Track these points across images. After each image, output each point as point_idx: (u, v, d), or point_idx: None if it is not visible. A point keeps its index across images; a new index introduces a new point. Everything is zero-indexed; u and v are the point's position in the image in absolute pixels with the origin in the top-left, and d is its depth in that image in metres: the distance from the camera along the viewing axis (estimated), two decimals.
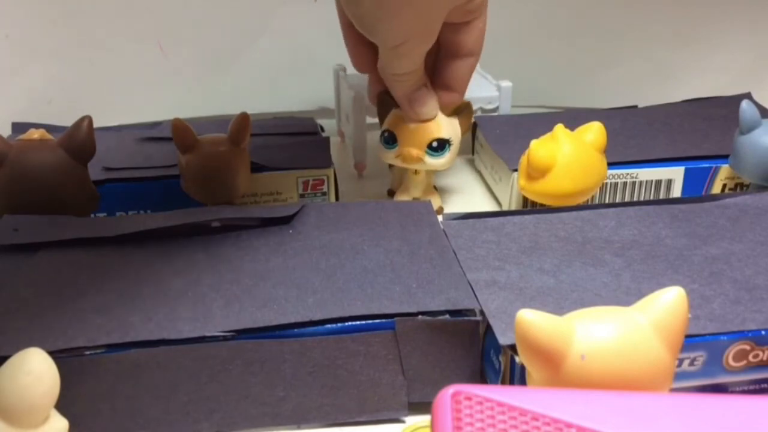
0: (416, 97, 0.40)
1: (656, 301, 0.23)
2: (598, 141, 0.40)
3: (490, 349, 0.29)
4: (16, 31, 0.54)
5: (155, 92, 0.56)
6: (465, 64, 0.41)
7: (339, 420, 0.29)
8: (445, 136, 0.41)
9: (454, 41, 0.40)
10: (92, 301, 0.30)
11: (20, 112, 0.54)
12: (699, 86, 0.58)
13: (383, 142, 0.42)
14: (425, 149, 0.41)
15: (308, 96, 0.60)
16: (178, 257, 0.33)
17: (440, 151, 0.41)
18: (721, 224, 0.36)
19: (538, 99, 0.61)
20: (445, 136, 0.41)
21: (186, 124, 0.39)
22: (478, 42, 0.40)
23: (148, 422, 0.28)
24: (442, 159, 0.41)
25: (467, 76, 0.42)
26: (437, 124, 0.41)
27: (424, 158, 0.41)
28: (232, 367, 0.28)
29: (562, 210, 0.38)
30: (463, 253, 0.34)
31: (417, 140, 0.41)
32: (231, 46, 0.58)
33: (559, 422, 0.19)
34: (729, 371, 0.29)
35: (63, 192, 0.38)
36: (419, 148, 0.41)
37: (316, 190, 0.44)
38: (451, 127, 0.41)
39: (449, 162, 0.42)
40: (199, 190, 0.40)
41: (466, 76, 0.41)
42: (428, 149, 0.41)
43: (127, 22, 0.56)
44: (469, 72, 0.41)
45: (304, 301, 0.30)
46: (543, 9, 0.59)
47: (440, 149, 0.41)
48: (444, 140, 0.41)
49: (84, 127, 0.38)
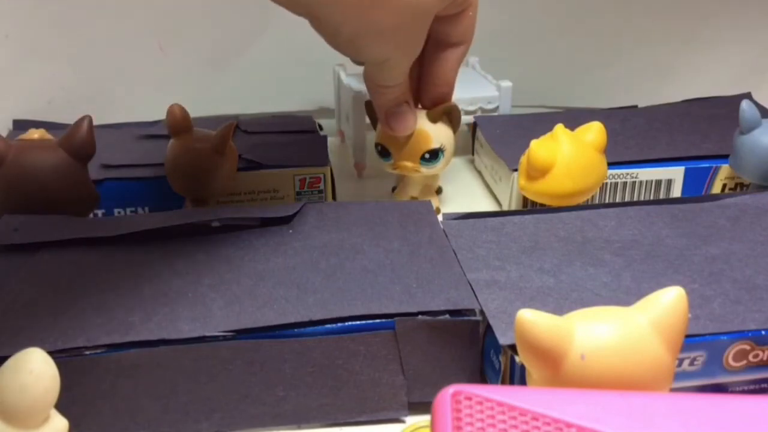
0: (395, 112, 0.40)
1: (656, 301, 0.23)
2: (598, 141, 0.40)
3: (490, 349, 0.29)
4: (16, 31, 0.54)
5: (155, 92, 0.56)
6: (454, 53, 0.40)
7: (339, 420, 0.29)
8: (436, 146, 0.41)
9: (443, 31, 0.39)
10: (92, 301, 0.30)
11: (20, 111, 0.54)
12: (699, 86, 0.58)
13: (378, 154, 0.42)
14: (419, 161, 0.41)
15: (308, 96, 0.60)
16: (178, 257, 0.33)
17: (434, 160, 0.41)
18: (721, 224, 0.36)
19: (538, 99, 0.61)
20: (436, 146, 0.41)
21: (186, 114, 0.39)
22: (468, 31, 0.39)
23: (148, 422, 0.28)
24: (438, 165, 0.42)
25: (456, 67, 0.40)
26: (427, 136, 0.41)
27: (419, 169, 0.41)
28: (232, 367, 0.28)
29: (562, 210, 0.38)
30: (463, 253, 0.34)
31: (410, 154, 0.41)
32: (231, 46, 0.58)
33: (559, 422, 0.19)
34: (729, 371, 0.29)
35: (63, 192, 0.37)
36: (413, 161, 0.41)
37: (312, 188, 0.44)
38: (441, 135, 0.41)
39: (446, 165, 0.42)
40: (174, 181, 0.40)
41: (455, 66, 0.40)
42: (422, 160, 0.41)
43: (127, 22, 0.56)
44: (458, 62, 0.40)
45: (304, 301, 0.30)
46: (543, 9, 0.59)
47: (434, 158, 0.41)
48: (436, 150, 0.41)
49: (84, 127, 0.38)
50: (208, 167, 0.40)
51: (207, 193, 0.41)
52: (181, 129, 0.40)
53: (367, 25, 0.34)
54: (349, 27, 0.34)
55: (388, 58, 0.37)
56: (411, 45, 0.37)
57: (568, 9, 0.60)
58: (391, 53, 0.36)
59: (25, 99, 0.55)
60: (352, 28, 0.34)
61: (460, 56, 0.40)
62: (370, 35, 0.35)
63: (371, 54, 0.37)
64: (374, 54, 0.37)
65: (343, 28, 0.34)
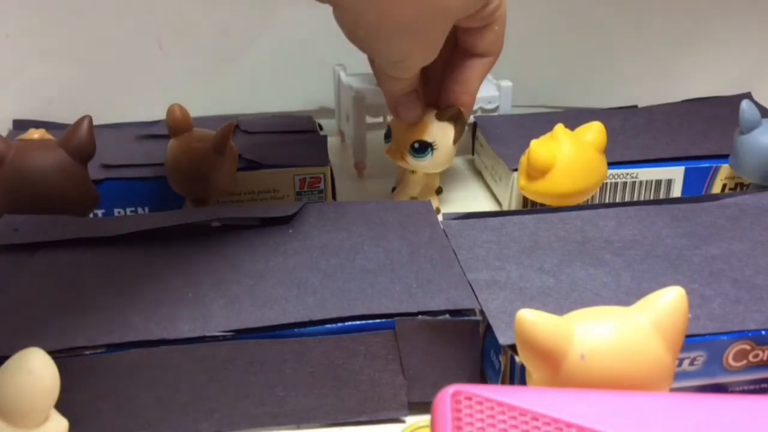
0: (403, 100, 0.40)
1: (656, 300, 0.23)
2: (598, 141, 0.40)
3: (490, 349, 0.29)
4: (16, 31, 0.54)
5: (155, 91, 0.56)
6: (478, 63, 0.40)
7: (339, 420, 0.29)
8: (428, 140, 0.41)
9: (468, 42, 0.39)
10: (92, 301, 0.30)
11: (20, 111, 0.54)
12: (699, 86, 0.58)
13: (384, 136, 0.43)
14: (408, 149, 0.41)
15: (308, 95, 0.60)
16: (178, 257, 0.33)
17: (422, 153, 0.41)
18: (721, 224, 0.36)
19: (538, 99, 0.61)
20: (428, 140, 0.41)
21: (186, 114, 0.39)
22: (494, 44, 0.40)
23: (148, 422, 0.28)
24: (425, 161, 0.41)
25: (479, 76, 0.41)
26: (424, 127, 0.41)
27: (406, 157, 0.41)
28: (232, 367, 0.28)
29: (562, 210, 0.38)
30: (463, 253, 0.34)
31: (402, 139, 0.41)
32: (231, 46, 0.58)
33: (559, 422, 0.19)
34: (729, 371, 0.29)
35: (63, 192, 0.37)
36: (403, 148, 0.41)
37: (312, 188, 0.44)
38: (439, 132, 0.41)
39: (435, 166, 0.42)
40: (174, 181, 0.40)
41: (478, 75, 0.40)
42: (411, 149, 0.41)
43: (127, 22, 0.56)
44: (481, 71, 0.40)
45: (304, 301, 0.30)
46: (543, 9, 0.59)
47: (422, 151, 0.41)
48: (426, 143, 0.41)
49: (84, 127, 0.38)
50: (208, 167, 0.40)
51: (207, 193, 0.41)
52: (181, 129, 0.40)
53: (388, 19, 0.34)
54: (370, 19, 0.34)
55: (404, 59, 0.37)
56: (428, 45, 0.37)
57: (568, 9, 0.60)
58: (407, 53, 0.37)
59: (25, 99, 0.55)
60: (373, 21, 0.34)
61: (484, 66, 0.40)
62: (390, 31, 0.35)
63: (388, 51, 0.37)
64: (391, 52, 0.37)
65: (364, 19, 0.34)
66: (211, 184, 0.40)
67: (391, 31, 0.35)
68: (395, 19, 0.34)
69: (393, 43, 0.36)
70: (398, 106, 0.40)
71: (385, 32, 0.35)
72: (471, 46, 0.39)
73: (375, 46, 0.37)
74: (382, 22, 0.34)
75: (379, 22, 0.34)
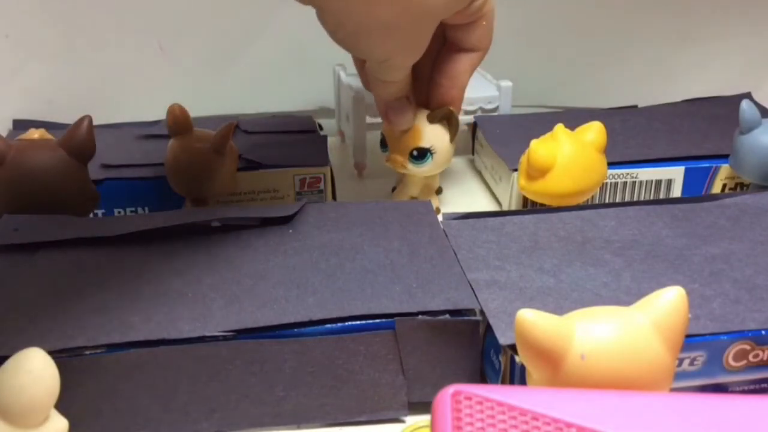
0: (394, 105, 0.40)
1: (656, 300, 0.23)
2: (598, 141, 0.40)
3: (490, 349, 0.29)
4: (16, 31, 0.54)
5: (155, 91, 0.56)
6: (467, 57, 0.40)
7: (339, 420, 0.29)
8: (425, 146, 0.41)
9: (456, 37, 0.39)
10: (92, 301, 0.30)
11: (20, 111, 0.54)
12: (699, 86, 0.58)
13: (380, 144, 0.43)
14: (407, 157, 0.41)
15: (308, 95, 0.60)
16: (178, 257, 0.33)
17: (422, 159, 0.41)
18: (721, 224, 0.36)
19: (538, 99, 0.61)
20: (425, 146, 0.41)
21: (186, 114, 0.39)
22: (482, 39, 0.39)
23: (148, 422, 0.28)
24: (425, 166, 0.42)
25: (468, 70, 0.40)
26: (418, 134, 0.41)
27: (407, 165, 0.41)
28: (232, 367, 0.28)
29: (562, 210, 0.38)
30: (463, 253, 0.34)
31: (400, 148, 0.41)
32: (231, 46, 0.58)
33: (559, 422, 0.19)
34: (729, 371, 0.29)
35: (63, 192, 0.38)
36: (402, 156, 0.41)
37: (312, 188, 0.44)
38: (434, 136, 0.41)
39: (436, 168, 0.42)
40: (174, 181, 0.40)
41: (467, 69, 0.40)
42: (410, 157, 0.41)
43: (127, 22, 0.56)
44: (470, 66, 0.40)
45: (304, 301, 0.30)
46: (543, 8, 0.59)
47: (421, 158, 0.41)
48: (424, 149, 0.41)
49: (84, 127, 0.38)
50: (208, 167, 0.40)
51: (207, 193, 0.41)
52: (181, 129, 0.40)
53: (370, 19, 0.34)
54: (353, 20, 0.34)
55: (389, 58, 0.37)
56: (413, 46, 0.37)
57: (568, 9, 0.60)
58: (392, 52, 0.36)
59: (25, 99, 0.55)
60: (356, 22, 0.34)
61: (473, 61, 0.40)
62: (373, 31, 0.35)
63: (372, 51, 0.37)
64: (375, 51, 0.37)
65: (347, 20, 0.34)
66: (211, 184, 0.40)
67: (373, 31, 0.35)
68: (376, 19, 0.34)
69: (376, 43, 0.36)
70: (389, 111, 0.40)
71: (366, 32, 0.35)
72: (459, 41, 0.39)
73: (358, 47, 0.37)
74: (362, 22, 0.34)
75: (360, 22, 0.34)
